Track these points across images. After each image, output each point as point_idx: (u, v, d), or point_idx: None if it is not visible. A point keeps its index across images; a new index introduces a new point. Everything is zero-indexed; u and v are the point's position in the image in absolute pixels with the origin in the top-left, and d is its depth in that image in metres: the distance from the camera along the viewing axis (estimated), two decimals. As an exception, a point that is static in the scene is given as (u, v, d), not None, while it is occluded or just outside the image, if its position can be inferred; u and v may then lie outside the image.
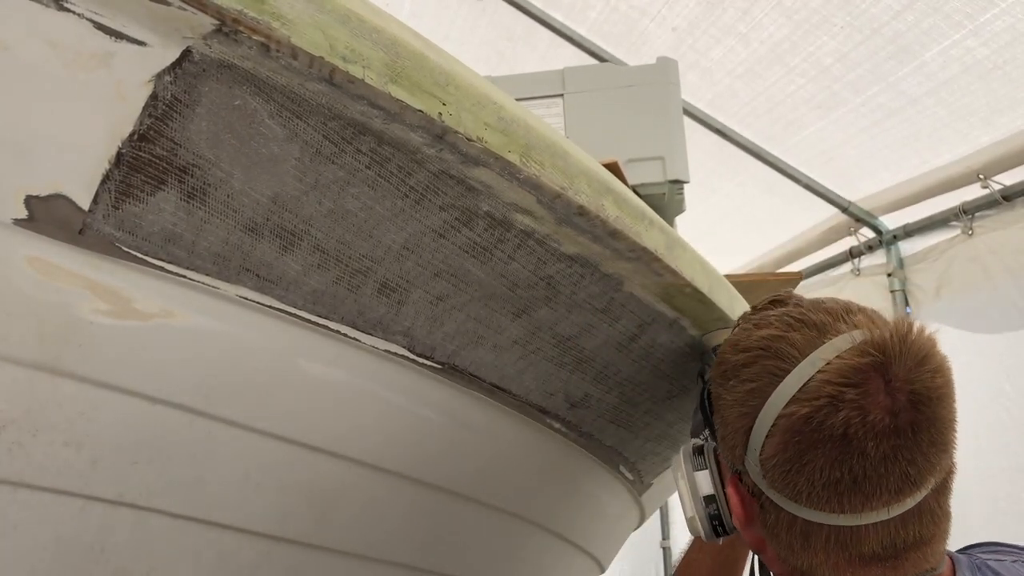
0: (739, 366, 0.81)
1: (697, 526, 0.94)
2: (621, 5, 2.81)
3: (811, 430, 0.72)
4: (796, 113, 2.92)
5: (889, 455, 0.72)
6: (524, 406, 1.14)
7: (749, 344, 0.82)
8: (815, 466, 0.73)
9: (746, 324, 0.86)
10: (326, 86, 0.72)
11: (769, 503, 0.78)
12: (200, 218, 0.78)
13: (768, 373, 0.77)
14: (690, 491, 0.93)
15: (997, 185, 2.63)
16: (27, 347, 0.77)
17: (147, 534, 0.91)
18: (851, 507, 0.73)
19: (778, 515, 0.78)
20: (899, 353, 0.73)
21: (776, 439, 0.75)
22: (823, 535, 0.75)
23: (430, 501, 1.14)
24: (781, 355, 0.77)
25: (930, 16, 2.33)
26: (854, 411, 0.71)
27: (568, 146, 0.90)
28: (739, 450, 0.80)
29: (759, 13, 2.58)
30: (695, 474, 0.93)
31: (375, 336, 0.94)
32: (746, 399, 0.79)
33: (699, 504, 0.93)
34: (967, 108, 2.57)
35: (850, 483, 0.72)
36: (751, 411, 0.78)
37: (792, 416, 0.74)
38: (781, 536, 0.79)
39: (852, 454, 0.72)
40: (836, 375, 0.73)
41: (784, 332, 0.79)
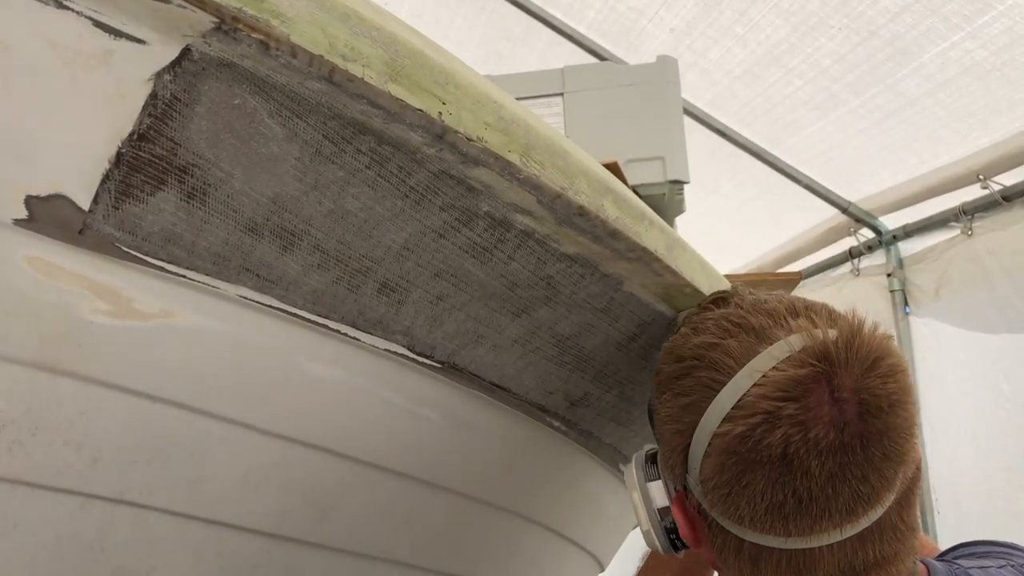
0: (672, 378, 0.75)
1: (653, 541, 0.86)
2: (619, 5, 2.81)
3: (747, 450, 0.66)
4: (795, 114, 2.93)
5: (836, 473, 0.65)
6: (524, 405, 1.14)
7: (684, 353, 0.75)
8: (755, 489, 0.66)
9: (686, 328, 0.79)
10: (326, 85, 0.72)
11: (716, 525, 0.72)
12: (200, 218, 0.78)
13: (702, 386, 0.71)
14: (643, 503, 0.86)
15: (997, 186, 2.63)
16: (27, 347, 0.77)
17: (147, 533, 0.90)
18: (798, 530, 0.67)
19: (725, 538, 0.72)
20: (844, 360, 0.66)
21: (712, 460, 0.69)
22: (773, 559, 0.69)
23: (430, 500, 1.14)
24: (716, 365, 0.71)
25: (928, 18, 2.34)
26: (794, 428, 0.65)
27: (568, 146, 0.90)
28: (678, 469, 0.74)
29: (756, 14, 2.58)
30: (648, 485, 0.86)
31: (375, 335, 0.94)
32: (680, 415, 0.72)
33: (653, 517, 0.85)
34: (965, 109, 2.58)
35: (795, 505, 0.66)
36: (686, 428, 0.71)
37: (726, 435, 0.67)
38: (730, 560, 0.73)
39: (794, 474, 0.65)
40: (774, 388, 0.66)
41: (720, 339, 0.72)
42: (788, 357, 0.67)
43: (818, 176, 3.17)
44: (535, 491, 1.33)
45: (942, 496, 2.91)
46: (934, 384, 2.94)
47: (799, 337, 0.68)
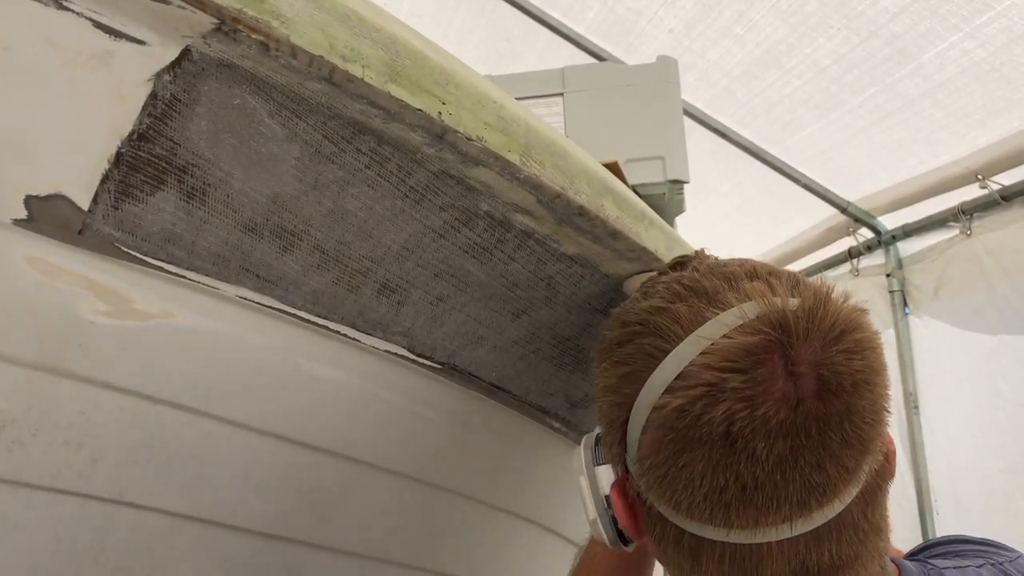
0: (613, 345, 0.67)
1: (600, 531, 0.77)
2: (618, 6, 2.81)
3: (685, 426, 0.58)
4: (794, 114, 2.93)
5: (787, 458, 0.57)
6: (524, 406, 1.14)
7: (628, 318, 0.67)
8: (693, 471, 0.58)
9: (638, 293, 0.71)
10: (326, 85, 0.72)
11: (654, 511, 0.64)
12: (200, 218, 0.78)
13: (644, 354, 0.63)
14: (590, 489, 0.77)
15: (996, 185, 2.64)
16: (27, 347, 0.77)
17: (147, 533, 0.90)
18: (741, 522, 0.59)
19: (664, 527, 0.64)
20: (804, 331, 0.58)
21: (649, 436, 0.60)
22: (716, 554, 0.61)
23: (429, 500, 1.14)
24: (661, 331, 0.62)
25: (926, 19, 2.34)
26: (739, 403, 0.56)
27: (568, 146, 0.90)
28: (616, 448, 0.66)
29: (755, 15, 2.59)
30: (596, 469, 0.77)
31: (375, 336, 0.94)
32: (619, 385, 0.64)
33: (600, 505, 0.76)
34: (964, 110, 2.58)
35: (737, 492, 0.58)
36: (625, 400, 0.63)
37: (664, 408, 0.59)
38: (669, 552, 0.65)
39: (738, 456, 0.57)
40: (719, 358, 0.58)
41: (669, 303, 0.64)
42: (740, 325, 0.59)
43: (817, 176, 3.17)
44: (535, 492, 1.33)
45: (941, 496, 2.91)
46: (933, 384, 2.94)
47: (754, 304, 0.60)
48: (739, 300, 0.61)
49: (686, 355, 0.60)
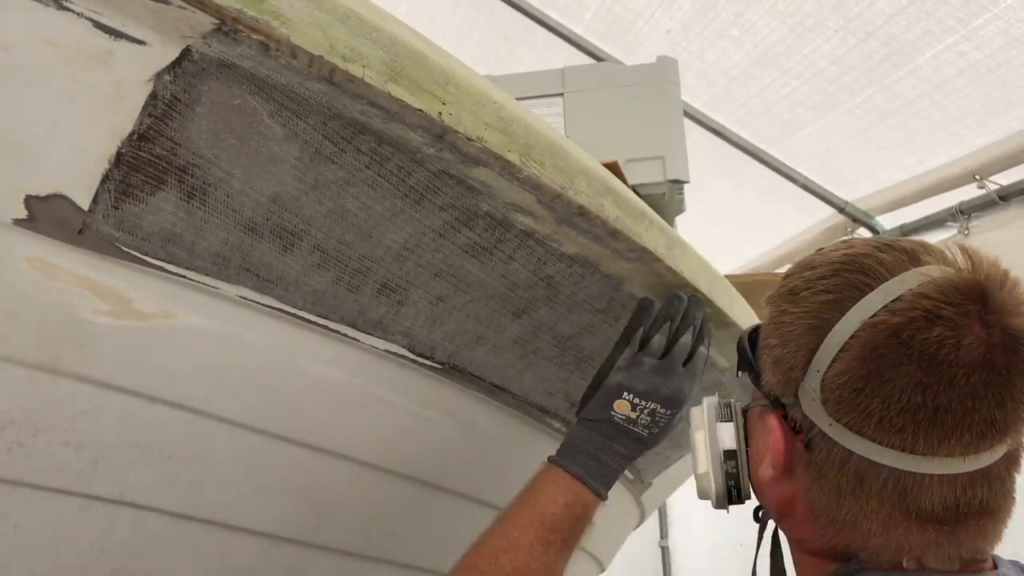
0: (814, 279, 0.72)
1: (709, 485, 0.84)
2: (616, 7, 2.82)
3: (898, 343, 0.64)
4: (792, 114, 2.93)
5: (979, 390, 0.63)
6: (524, 406, 1.14)
7: (826, 260, 0.73)
8: (894, 387, 0.64)
9: (820, 251, 0.77)
10: (326, 85, 0.72)
11: (820, 438, 0.69)
12: (200, 218, 0.78)
13: (850, 286, 0.69)
14: (708, 443, 0.83)
15: (993, 185, 2.64)
16: (27, 347, 0.77)
17: (147, 534, 0.90)
18: (926, 444, 0.65)
19: (830, 451, 0.69)
20: (999, 286, 0.65)
21: (852, 353, 0.66)
22: (880, 479, 0.66)
23: (430, 501, 1.14)
24: (867, 270, 0.69)
25: (923, 21, 2.35)
26: (949, 331, 0.63)
27: (568, 146, 0.90)
28: (795, 372, 0.71)
29: (753, 16, 2.59)
30: (718, 425, 0.83)
31: (375, 336, 0.94)
32: (819, 311, 0.70)
33: (716, 459, 0.83)
34: (961, 111, 2.59)
35: (931, 413, 0.64)
36: (823, 324, 0.69)
37: (878, 326, 0.65)
38: (828, 477, 0.69)
39: (940, 379, 0.63)
40: (934, 289, 0.65)
41: (871, 251, 0.71)
42: (949, 271, 0.67)
43: (815, 176, 3.18)
44: (535, 491, 1.33)
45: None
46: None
47: (949, 266, 0.68)
48: (937, 262, 0.69)
49: (893, 291, 0.66)
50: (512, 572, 0.90)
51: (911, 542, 0.67)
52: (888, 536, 0.67)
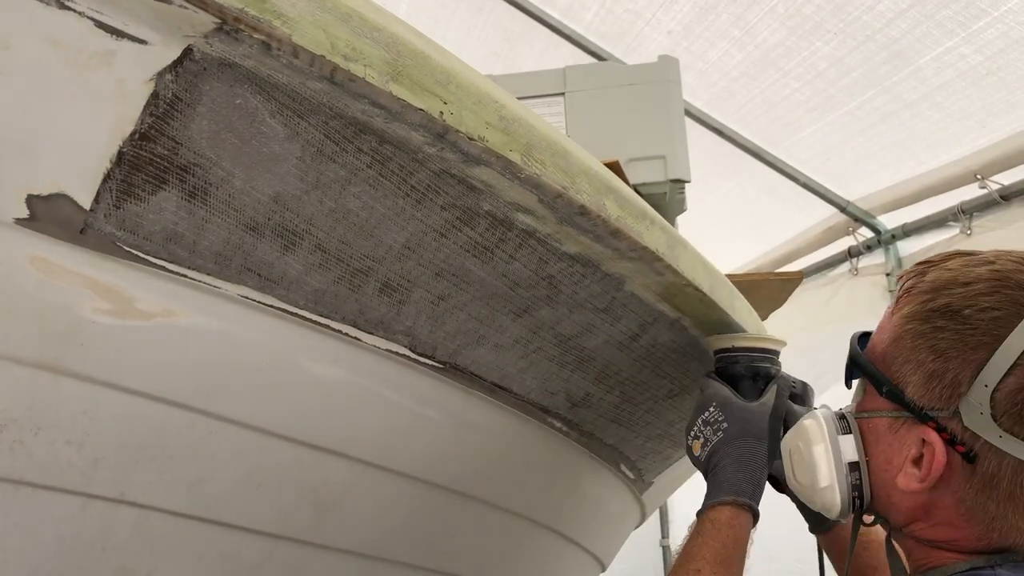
0: (974, 295, 0.76)
1: (834, 498, 0.85)
2: (616, 7, 2.82)
3: None
4: (792, 115, 2.94)
5: None
6: (525, 405, 1.14)
7: (977, 277, 0.77)
8: None
9: (946, 267, 0.81)
10: (327, 85, 0.72)
11: (988, 450, 0.74)
12: (201, 217, 0.78)
13: (1014, 303, 0.74)
14: (831, 457, 0.85)
15: (995, 185, 2.64)
16: (29, 346, 0.77)
17: (148, 533, 0.90)
18: None
19: (1000, 462, 0.74)
20: None
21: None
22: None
23: (431, 500, 1.14)
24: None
25: (923, 24, 2.36)
26: None
27: (569, 145, 0.90)
28: (962, 387, 0.75)
29: (752, 18, 2.60)
30: (840, 438, 0.86)
31: (376, 336, 0.94)
32: (988, 328, 0.74)
33: (841, 472, 0.85)
34: (962, 112, 2.59)
35: None
36: (992, 341, 0.74)
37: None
38: (1000, 487, 0.74)
39: None
40: None
41: (1018, 267, 0.76)
42: None
43: (816, 176, 3.18)
44: (536, 491, 1.33)
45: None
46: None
47: None
48: None
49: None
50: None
51: None
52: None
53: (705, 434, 1.07)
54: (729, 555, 0.95)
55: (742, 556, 0.97)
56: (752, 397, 1.08)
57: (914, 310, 0.80)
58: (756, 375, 1.11)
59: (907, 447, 0.79)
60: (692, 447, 1.09)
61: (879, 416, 0.83)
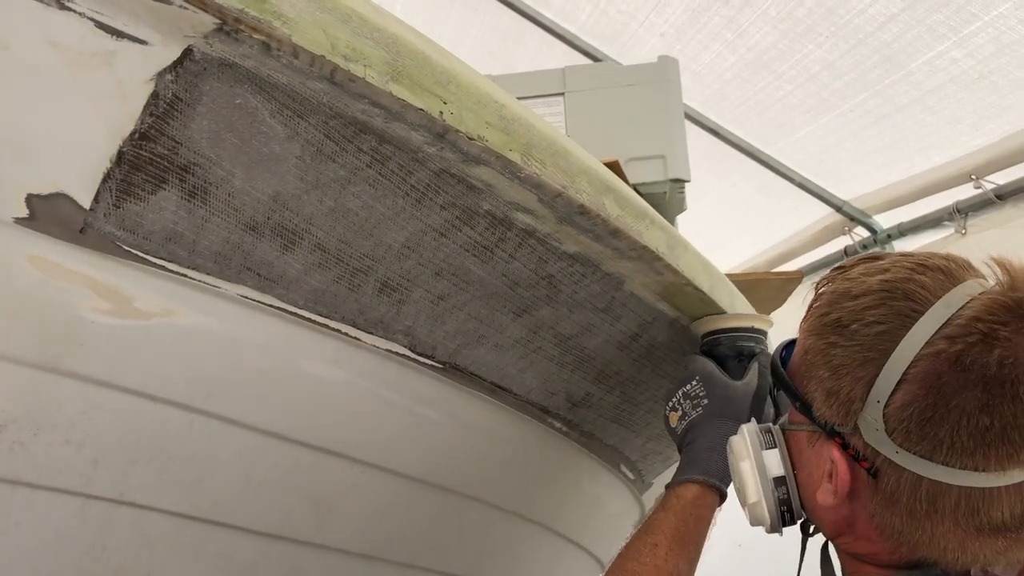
0: (860, 310, 0.74)
1: (763, 513, 0.84)
2: (610, 8, 2.82)
3: (960, 371, 0.67)
4: (786, 117, 2.95)
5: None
6: (525, 405, 1.14)
7: (867, 288, 0.74)
8: (962, 412, 0.66)
9: (846, 275, 0.78)
10: (327, 85, 0.72)
11: (887, 466, 0.71)
12: (201, 217, 0.78)
13: (898, 315, 0.71)
14: (756, 473, 0.84)
15: (990, 185, 2.65)
16: (28, 346, 0.77)
17: (148, 533, 0.90)
18: (996, 462, 0.67)
19: (899, 478, 0.71)
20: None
21: (913, 386, 0.69)
22: (952, 499, 0.69)
23: (431, 500, 1.14)
24: (912, 296, 0.71)
25: (914, 28, 2.37)
26: (1007, 351, 0.66)
27: (569, 145, 0.90)
28: (855, 404, 0.72)
29: (745, 21, 2.61)
30: (764, 453, 0.84)
31: (376, 335, 0.94)
32: (873, 344, 0.72)
33: (767, 487, 0.83)
34: (954, 115, 2.61)
35: (999, 432, 0.66)
36: (878, 357, 0.71)
37: (938, 356, 0.68)
38: (900, 503, 0.71)
39: (1004, 399, 0.66)
40: (985, 312, 0.67)
41: (909, 275, 0.73)
42: (992, 287, 0.70)
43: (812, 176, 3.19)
44: (536, 491, 1.33)
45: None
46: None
47: (984, 280, 0.71)
48: (975, 275, 0.72)
49: (941, 315, 0.69)
50: None
51: (984, 553, 0.70)
52: (964, 550, 0.70)
53: (684, 407, 1.06)
54: (689, 533, 0.94)
55: (702, 536, 0.95)
56: (738, 377, 1.07)
57: (812, 324, 0.79)
58: (740, 354, 1.09)
59: (823, 462, 0.78)
60: (669, 418, 1.08)
61: (800, 430, 0.82)
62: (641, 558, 0.91)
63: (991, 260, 0.72)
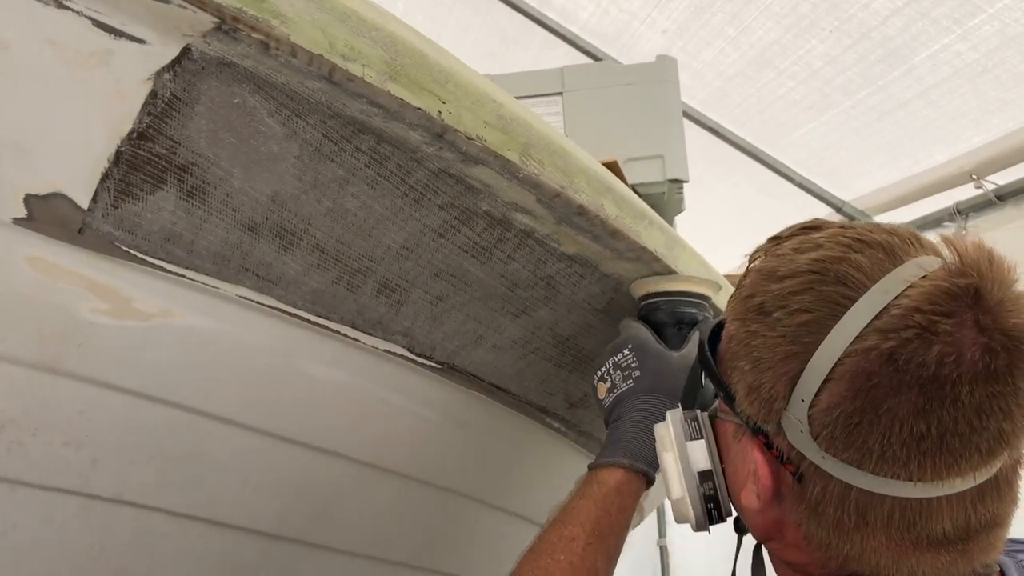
0: (785, 295, 0.64)
1: (687, 510, 0.75)
2: (611, 8, 2.82)
3: (894, 370, 0.57)
4: (788, 114, 2.95)
5: (984, 406, 0.57)
6: (524, 406, 1.14)
7: (795, 269, 0.64)
8: (894, 417, 0.57)
9: (777, 250, 0.69)
10: (325, 84, 0.72)
11: (813, 471, 0.62)
12: (199, 217, 0.78)
13: (828, 302, 0.61)
14: (679, 466, 0.75)
15: (991, 185, 2.65)
16: (26, 347, 0.77)
17: (147, 533, 0.90)
18: (933, 472, 0.58)
19: (825, 486, 0.62)
20: (990, 281, 0.58)
21: (841, 385, 0.59)
22: (885, 511, 0.60)
23: (429, 500, 1.14)
24: (844, 280, 0.61)
25: (918, 21, 2.36)
26: (949, 347, 0.56)
27: (567, 145, 0.90)
28: (778, 403, 0.63)
29: (747, 17, 2.61)
30: (688, 444, 0.75)
31: (375, 336, 0.94)
32: (797, 335, 0.62)
33: (691, 482, 0.74)
34: (957, 110, 2.60)
35: (936, 440, 0.57)
36: (802, 351, 0.61)
37: (869, 353, 0.58)
38: (827, 513, 0.62)
39: (943, 402, 0.56)
40: (925, 301, 0.57)
41: (843, 254, 0.63)
42: (937, 269, 0.60)
43: (812, 176, 3.19)
44: (534, 492, 1.33)
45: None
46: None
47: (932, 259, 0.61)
48: (921, 252, 0.62)
49: (878, 302, 0.59)
50: None
51: (923, 568, 0.62)
52: (900, 567, 0.62)
53: (614, 378, 0.95)
54: (610, 525, 0.85)
55: (624, 528, 0.87)
56: (676, 347, 0.95)
57: (736, 307, 0.69)
58: (680, 322, 0.98)
59: (749, 460, 0.68)
60: (597, 389, 0.97)
61: (728, 420, 0.73)
62: (555, 554, 0.83)
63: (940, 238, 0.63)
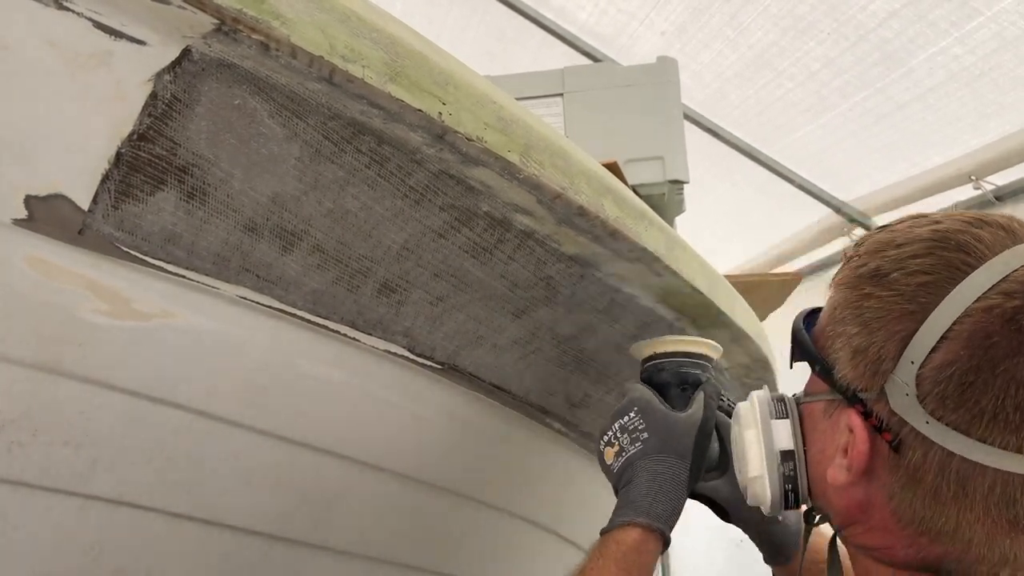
0: (904, 258, 0.64)
1: (763, 490, 0.75)
2: (610, 8, 2.83)
3: (1015, 330, 0.57)
4: (786, 116, 2.95)
5: None
6: (524, 406, 1.14)
7: (915, 237, 0.65)
8: (1010, 379, 0.57)
9: (891, 228, 0.70)
10: (326, 85, 0.72)
11: (914, 438, 0.62)
12: (200, 218, 0.78)
13: (948, 266, 0.62)
14: (762, 443, 0.75)
15: (989, 186, 2.66)
16: (27, 347, 0.77)
17: (146, 534, 0.90)
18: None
19: (926, 453, 0.61)
20: None
21: (957, 344, 0.59)
22: (987, 483, 0.59)
23: (429, 500, 1.14)
24: (966, 248, 0.62)
25: (915, 24, 2.37)
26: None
27: (568, 146, 0.90)
28: (885, 364, 0.63)
29: (746, 19, 2.61)
30: (773, 423, 0.75)
31: (375, 336, 0.94)
32: (915, 294, 0.62)
33: (772, 460, 0.74)
34: (955, 114, 2.61)
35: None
36: (919, 309, 0.61)
37: (991, 311, 0.58)
38: (925, 482, 0.62)
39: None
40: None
41: (965, 227, 0.64)
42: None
43: (811, 177, 3.19)
44: (535, 492, 1.33)
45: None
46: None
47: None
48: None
49: (998, 271, 0.60)
50: None
51: (1016, 551, 0.61)
52: (992, 547, 0.61)
53: (621, 442, 0.95)
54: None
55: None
56: (681, 408, 0.95)
57: (845, 276, 0.70)
58: (684, 383, 0.98)
59: (839, 434, 0.68)
60: (604, 454, 0.96)
61: (817, 400, 0.73)
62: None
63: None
